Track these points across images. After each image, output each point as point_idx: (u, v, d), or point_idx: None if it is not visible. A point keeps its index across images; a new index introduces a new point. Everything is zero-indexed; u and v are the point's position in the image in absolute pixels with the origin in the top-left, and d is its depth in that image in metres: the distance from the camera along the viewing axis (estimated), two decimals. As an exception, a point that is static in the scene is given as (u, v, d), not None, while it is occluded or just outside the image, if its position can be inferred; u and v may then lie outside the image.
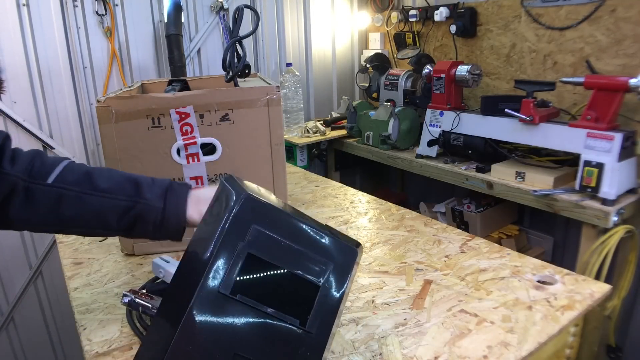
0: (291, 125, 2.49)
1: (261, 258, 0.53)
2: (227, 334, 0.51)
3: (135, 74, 2.15)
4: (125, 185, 0.72)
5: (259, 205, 0.55)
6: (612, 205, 1.45)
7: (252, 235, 0.53)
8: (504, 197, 1.75)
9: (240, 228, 0.53)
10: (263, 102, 1.05)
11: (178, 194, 0.72)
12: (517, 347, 0.74)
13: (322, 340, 0.54)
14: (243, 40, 1.14)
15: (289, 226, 0.56)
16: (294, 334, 0.53)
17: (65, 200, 0.69)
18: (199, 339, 0.50)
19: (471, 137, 1.89)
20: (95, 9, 2.00)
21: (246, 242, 0.53)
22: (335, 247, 0.57)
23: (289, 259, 0.54)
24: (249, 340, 0.52)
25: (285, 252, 0.55)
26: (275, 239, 0.54)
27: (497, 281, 0.94)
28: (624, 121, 1.65)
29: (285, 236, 0.55)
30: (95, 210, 0.71)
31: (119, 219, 0.71)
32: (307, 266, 0.55)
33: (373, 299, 0.89)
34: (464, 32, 2.19)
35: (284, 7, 2.60)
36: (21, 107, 1.89)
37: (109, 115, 0.98)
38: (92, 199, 0.70)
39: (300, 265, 0.55)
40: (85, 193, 0.70)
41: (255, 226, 0.54)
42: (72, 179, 0.71)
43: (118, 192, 0.71)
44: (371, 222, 1.27)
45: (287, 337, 0.53)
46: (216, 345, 0.50)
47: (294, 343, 0.53)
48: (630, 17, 1.66)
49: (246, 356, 0.51)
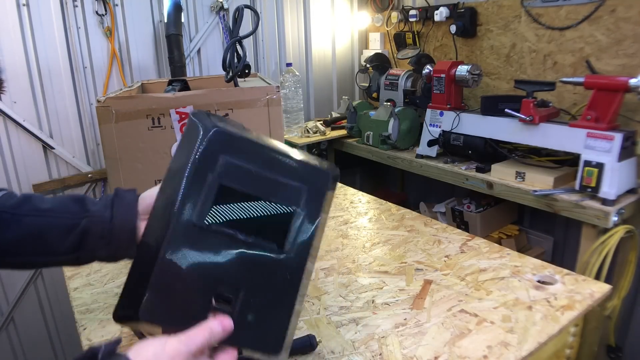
0: (291, 125, 2.49)
1: (233, 188, 0.53)
2: (205, 264, 0.51)
3: (135, 74, 2.15)
4: (69, 204, 0.66)
5: (227, 137, 0.54)
6: (612, 205, 1.45)
7: (222, 166, 0.53)
8: (504, 197, 1.75)
9: (210, 160, 0.53)
10: (263, 102, 1.05)
11: (125, 199, 0.66)
12: (517, 347, 0.74)
13: (301, 263, 0.55)
14: (243, 40, 1.14)
15: (260, 155, 0.56)
16: (271, 258, 0.54)
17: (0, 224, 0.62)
18: (178, 271, 0.50)
19: (471, 137, 1.89)
20: (95, 9, 2.00)
21: (216, 173, 0.53)
22: (309, 172, 0.58)
23: (261, 187, 0.55)
24: (228, 268, 0.52)
25: (257, 181, 0.55)
26: (246, 168, 0.54)
27: (497, 281, 0.94)
28: (624, 121, 1.65)
29: (257, 165, 0.55)
30: (35, 232, 0.63)
31: (63, 240, 0.63)
32: (280, 193, 0.55)
33: (373, 299, 0.89)
34: (464, 32, 2.19)
35: (284, 7, 2.60)
36: (21, 107, 1.89)
37: (109, 115, 0.98)
38: (32, 220, 0.63)
39: (272, 193, 0.55)
40: (24, 215, 0.63)
41: (225, 157, 0.53)
42: (9, 203, 0.64)
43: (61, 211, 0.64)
44: (371, 222, 1.27)
45: (265, 262, 0.54)
46: (196, 275, 0.51)
47: (272, 267, 0.54)
48: (630, 17, 1.66)
49: (227, 282, 0.52)
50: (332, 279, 0.98)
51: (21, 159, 1.93)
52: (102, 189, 2.16)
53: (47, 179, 2.00)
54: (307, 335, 0.76)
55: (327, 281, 0.97)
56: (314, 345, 0.75)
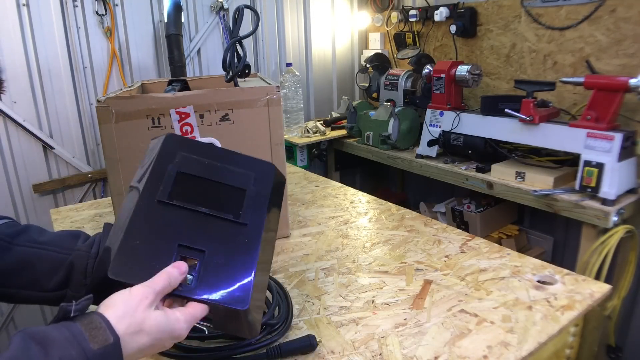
0: (291, 125, 2.49)
1: (190, 174, 0.64)
2: (169, 230, 0.59)
3: (135, 74, 2.15)
4: (65, 239, 0.67)
5: (182, 140, 0.67)
6: (612, 205, 1.45)
7: (180, 159, 0.64)
8: (504, 197, 1.75)
9: (169, 156, 0.64)
10: (263, 102, 1.05)
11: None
12: (517, 347, 0.74)
13: (258, 230, 0.63)
14: (243, 40, 1.14)
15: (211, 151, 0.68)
16: (230, 226, 0.62)
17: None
18: (144, 235, 0.57)
19: (471, 137, 1.89)
20: (95, 9, 2.00)
21: (175, 164, 0.64)
22: (254, 162, 0.69)
23: (215, 173, 0.65)
24: (190, 233, 0.59)
25: (211, 169, 0.65)
26: (201, 160, 0.65)
27: (497, 281, 0.94)
28: (624, 121, 1.65)
29: (208, 158, 0.66)
30: (26, 263, 0.64)
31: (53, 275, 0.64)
32: (232, 177, 0.66)
33: (373, 299, 0.89)
34: (464, 32, 2.19)
35: (284, 7, 2.60)
36: (21, 107, 1.89)
37: (109, 115, 0.98)
38: (25, 250, 0.64)
39: (225, 177, 0.65)
40: (19, 244, 0.64)
41: (182, 153, 0.65)
42: (8, 231, 0.65)
43: (55, 244, 0.66)
44: (371, 222, 1.27)
45: (224, 228, 0.62)
46: (160, 238, 0.58)
47: (231, 233, 0.61)
48: (630, 17, 1.66)
49: (189, 245, 0.58)
50: (332, 279, 0.98)
51: (21, 159, 1.93)
52: (102, 189, 2.16)
53: (47, 179, 2.00)
54: (307, 335, 0.76)
55: (327, 281, 0.97)
56: (314, 345, 0.75)
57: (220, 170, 0.66)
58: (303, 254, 1.10)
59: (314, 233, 1.21)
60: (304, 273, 1.01)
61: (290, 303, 0.86)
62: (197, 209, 0.61)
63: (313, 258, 1.08)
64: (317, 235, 1.20)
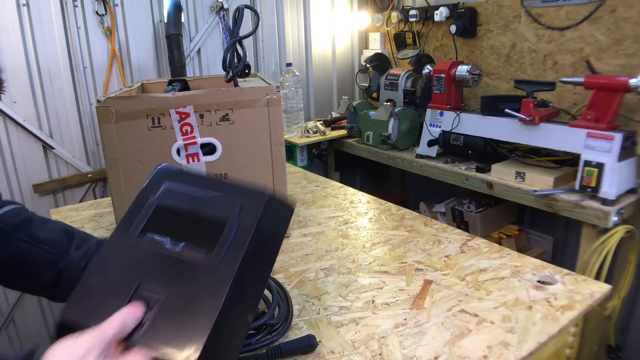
0: (291, 125, 2.49)
1: (170, 206, 0.61)
2: (133, 266, 0.56)
3: (135, 74, 2.15)
4: (60, 237, 0.70)
5: (173, 171, 0.65)
6: (612, 205, 1.45)
7: (163, 191, 0.62)
8: (504, 197, 1.75)
9: (154, 188, 0.62)
10: (263, 102, 1.05)
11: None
12: (517, 347, 0.74)
13: (230, 269, 0.55)
14: (243, 40, 1.14)
15: (199, 180, 0.64)
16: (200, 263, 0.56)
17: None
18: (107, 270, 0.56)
19: (471, 137, 1.89)
20: (95, 9, 2.00)
21: (157, 196, 0.62)
22: (243, 191, 0.63)
23: (198, 205, 0.61)
24: (155, 270, 0.55)
25: (194, 201, 0.61)
26: (185, 191, 0.62)
27: (497, 281, 0.94)
28: (624, 121, 1.65)
29: (194, 187, 0.63)
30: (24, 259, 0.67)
31: (47, 274, 0.68)
32: (214, 209, 0.60)
33: (373, 299, 0.89)
34: (464, 32, 2.19)
35: (284, 7, 2.60)
36: (21, 107, 1.89)
37: (109, 115, 0.97)
38: (24, 246, 0.68)
39: (207, 209, 0.61)
40: (20, 239, 0.68)
41: (167, 184, 0.63)
42: (12, 221, 0.69)
43: (52, 243, 0.69)
44: (371, 222, 1.27)
45: (191, 267, 0.55)
46: (121, 275, 0.55)
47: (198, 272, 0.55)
48: (630, 17, 1.66)
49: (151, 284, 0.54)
50: (332, 279, 0.98)
51: (21, 159, 1.93)
52: (102, 189, 2.16)
53: (47, 179, 2.00)
54: (307, 335, 0.76)
55: (327, 281, 0.97)
56: (314, 345, 0.75)
57: (203, 202, 0.61)
58: (303, 254, 1.10)
59: (314, 233, 1.21)
60: (304, 273, 1.01)
61: (290, 303, 0.86)
62: (166, 243, 0.57)
63: (313, 258, 1.08)
64: (317, 235, 1.20)
